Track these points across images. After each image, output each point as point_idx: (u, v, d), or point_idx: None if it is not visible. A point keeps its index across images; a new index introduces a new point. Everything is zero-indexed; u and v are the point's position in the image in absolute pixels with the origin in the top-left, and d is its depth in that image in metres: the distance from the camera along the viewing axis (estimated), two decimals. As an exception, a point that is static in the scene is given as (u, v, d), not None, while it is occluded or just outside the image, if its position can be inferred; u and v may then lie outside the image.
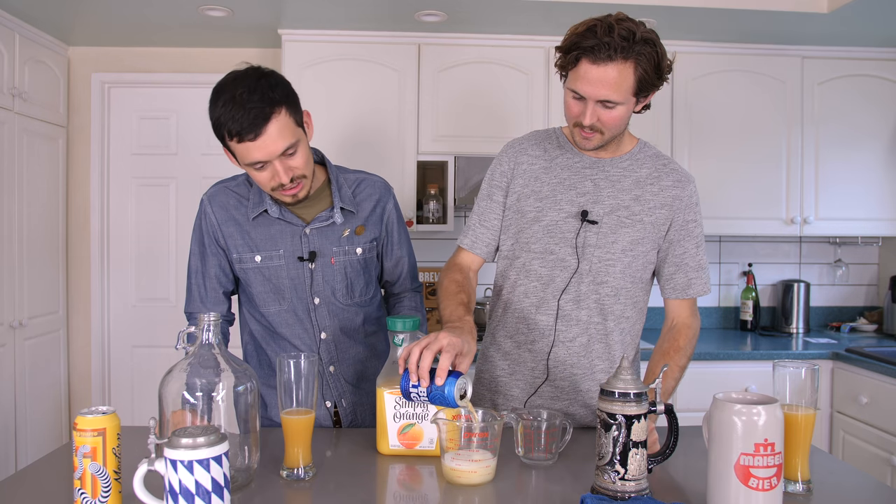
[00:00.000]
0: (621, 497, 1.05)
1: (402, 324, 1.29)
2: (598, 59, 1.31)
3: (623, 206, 1.48)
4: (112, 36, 3.09)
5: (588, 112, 1.37)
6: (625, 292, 1.51)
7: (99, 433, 0.98)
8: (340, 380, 1.60)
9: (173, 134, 3.31)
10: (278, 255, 1.53)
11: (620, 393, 1.05)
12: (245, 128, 1.33)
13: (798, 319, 3.28)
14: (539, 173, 1.53)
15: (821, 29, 2.81)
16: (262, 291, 1.56)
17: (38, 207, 2.99)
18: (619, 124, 1.41)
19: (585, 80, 1.34)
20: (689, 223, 1.51)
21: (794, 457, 1.10)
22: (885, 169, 3.10)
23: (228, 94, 1.34)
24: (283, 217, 1.52)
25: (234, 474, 1.09)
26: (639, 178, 1.50)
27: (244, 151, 1.36)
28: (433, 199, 3.03)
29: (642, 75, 1.33)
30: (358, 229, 1.58)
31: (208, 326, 1.10)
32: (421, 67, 2.93)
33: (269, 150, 1.36)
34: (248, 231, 1.53)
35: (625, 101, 1.36)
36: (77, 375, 3.31)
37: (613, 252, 1.48)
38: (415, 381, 1.17)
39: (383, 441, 1.29)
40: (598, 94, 1.34)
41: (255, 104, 1.33)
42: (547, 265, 1.51)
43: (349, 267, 1.58)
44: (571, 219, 1.49)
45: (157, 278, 3.32)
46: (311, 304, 1.56)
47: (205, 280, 1.58)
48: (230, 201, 1.55)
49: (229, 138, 1.36)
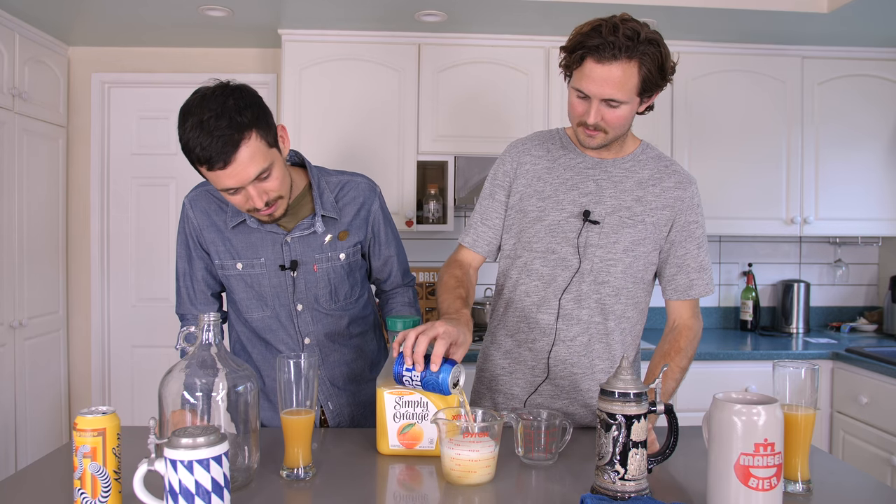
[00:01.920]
0: (621, 497, 1.05)
1: (402, 324, 1.29)
2: (603, 58, 1.32)
3: (625, 206, 1.49)
4: (112, 36, 3.08)
5: (592, 111, 1.38)
6: (626, 292, 1.51)
7: (99, 433, 0.98)
8: (326, 383, 1.60)
9: (173, 134, 3.27)
10: (259, 262, 1.51)
11: (620, 393, 1.05)
12: (214, 156, 1.26)
13: (798, 319, 3.28)
14: (542, 173, 1.54)
15: (821, 29, 2.81)
16: (245, 298, 1.55)
17: (38, 207, 2.99)
18: (622, 124, 1.41)
19: (590, 78, 1.35)
20: (691, 224, 1.51)
21: (794, 457, 1.10)
22: (885, 169, 3.10)
23: (196, 119, 1.27)
24: (262, 227, 1.49)
25: (234, 474, 1.09)
26: (641, 179, 1.51)
27: (215, 179, 1.31)
28: (433, 199, 3.03)
29: (646, 75, 1.35)
30: (341, 235, 1.55)
31: (208, 326, 1.10)
32: (421, 67, 2.93)
33: (240, 178, 1.30)
34: (229, 238, 1.51)
35: (629, 101, 1.37)
36: (77, 375, 3.30)
37: (615, 252, 1.48)
38: (409, 364, 1.18)
39: (383, 441, 1.29)
40: (603, 93, 1.35)
41: (222, 131, 1.25)
42: (549, 264, 1.51)
43: (332, 273, 1.55)
44: (573, 218, 1.50)
45: (157, 278, 3.32)
46: (293, 311, 1.54)
47: (193, 282, 1.57)
48: (211, 206, 1.52)
49: (199, 165, 1.30)
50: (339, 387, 1.61)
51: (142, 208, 3.32)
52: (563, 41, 1.43)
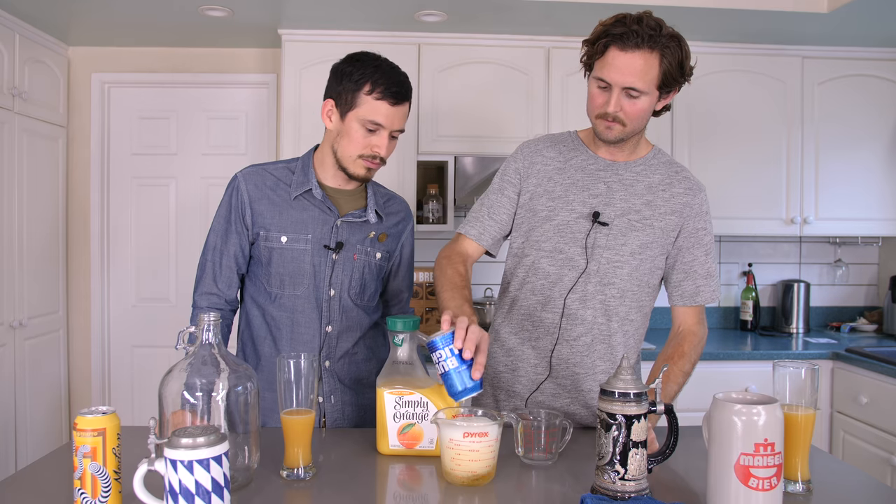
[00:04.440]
0: (621, 497, 1.05)
1: (402, 323, 1.29)
2: (627, 46, 1.36)
3: (634, 209, 1.50)
4: (112, 36, 3.09)
5: (613, 99, 1.40)
6: (630, 295, 1.52)
7: (99, 433, 0.98)
8: (334, 376, 1.61)
9: (173, 134, 3.31)
10: (305, 239, 1.56)
11: (620, 393, 1.05)
12: (395, 92, 1.46)
13: (798, 319, 3.28)
14: (553, 174, 1.55)
15: (821, 29, 2.81)
16: (281, 273, 1.57)
17: (38, 207, 2.99)
18: (640, 116, 1.43)
19: (613, 66, 1.38)
20: (699, 231, 1.52)
21: (794, 457, 1.10)
22: (885, 169, 3.10)
23: (381, 61, 1.49)
24: (324, 202, 1.57)
25: (234, 474, 1.09)
26: (651, 183, 1.52)
27: (374, 108, 1.47)
28: (433, 199, 3.03)
29: (667, 68, 1.38)
30: (381, 236, 1.64)
31: (208, 326, 1.10)
32: (421, 67, 2.93)
33: (393, 120, 1.48)
34: (280, 211, 1.57)
35: (648, 92, 1.39)
36: (77, 375, 3.31)
37: (622, 254, 1.49)
38: (460, 346, 1.20)
39: (383, 441, 1.29)
40: (625, 81, 1.37)
41: (405, 79, 1.49)
42: (556, 264, 1.52)
43: (367, 268, 1.61)
44: (582, 219, 1.50)
45: (157, 278, 3.32)
46: (325, 295, 1.58)
47: (222, 258, 1.59)
48: (267, 181, 1.59)
49: (371, 91, 1.46)
50: (344, 384, 1.62)
51: (142, 208, 3.32)
52: (564, 41, 1.44)
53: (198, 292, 1.60)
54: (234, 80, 3.28)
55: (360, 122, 1.48)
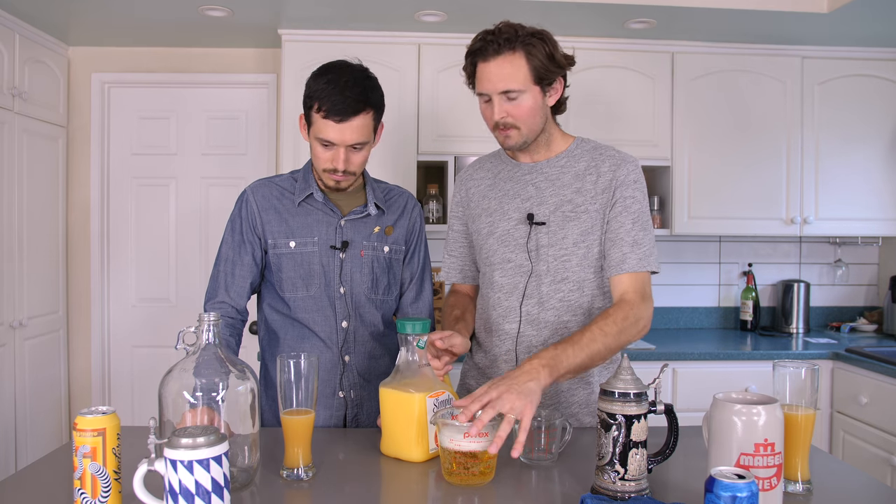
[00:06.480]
0: (621, 497, 1.05)
1: (411, 326, 1.29)
2: (488, 56, 1.43)
3: (566, 200, 1.51)
4: (112, 36, 3.09)
5: (496, 108, 1.45)
6: (588, 284, 1.51)
7: (99, 433, 0.98)
8: (353, 371, 1.64)
9: (173, 134, 3.31)
10: (313, 241, 1.61)
11: (620, 393, 1.05)
12: (335, 111, 1.48)
13: (798, 319, 3.28)
14: (486, 191, 1.62)
15: (821, 29, 2.81)
16: (293, 276, 1.61)
17: (38, 207, 2.99)
18: (529, 115, 1.45)
19: (483, 78, 1.44)
20: (627, 199, 1.48)
21: (794, 457, 1.10)
22: (885, 169, 3.10)
23: (334, 76, 1.51)
24: (326, 204, 1.62)
25: (234, 474, 1.09)
26: (577, 171, 1.53)
27: (322, 127, 1.50)
28: (433, 199, 3.03)
29: (537, 63, 1.42)
30: (387, 229, 1.67)
31: (208, 326, 1.10)
32: (421, 67, 2.92)
33: (343, 137, 1.50)
34: (286, 219, 1.62)
35: (526, 90, 1.43)
36: (77, 375, 3.31)
37: (565, 247, 1.50)
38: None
39: (421, 447, 1.25)
40: (497, 87, 1.42)
41: (352, 96, 1.49)
42: (507, 274, 1.54)
43: (376, 262, 1.65)
44: (521, 225, 1.53)
45: (157, 278, 3.32)
46: (336, 293, 1.61)
47: (235, 267, 1.62)
48: (273, 192, 1.65)
49: (317, 111, 1.50)
50: (366, 379, 1.65)
51: (142, 208, 3.32)
52: (563, 41, 1.45)
53: (209, 303, 1.63)
54: (234, 80, 3.28)
55: (317, 139, 1.53)
